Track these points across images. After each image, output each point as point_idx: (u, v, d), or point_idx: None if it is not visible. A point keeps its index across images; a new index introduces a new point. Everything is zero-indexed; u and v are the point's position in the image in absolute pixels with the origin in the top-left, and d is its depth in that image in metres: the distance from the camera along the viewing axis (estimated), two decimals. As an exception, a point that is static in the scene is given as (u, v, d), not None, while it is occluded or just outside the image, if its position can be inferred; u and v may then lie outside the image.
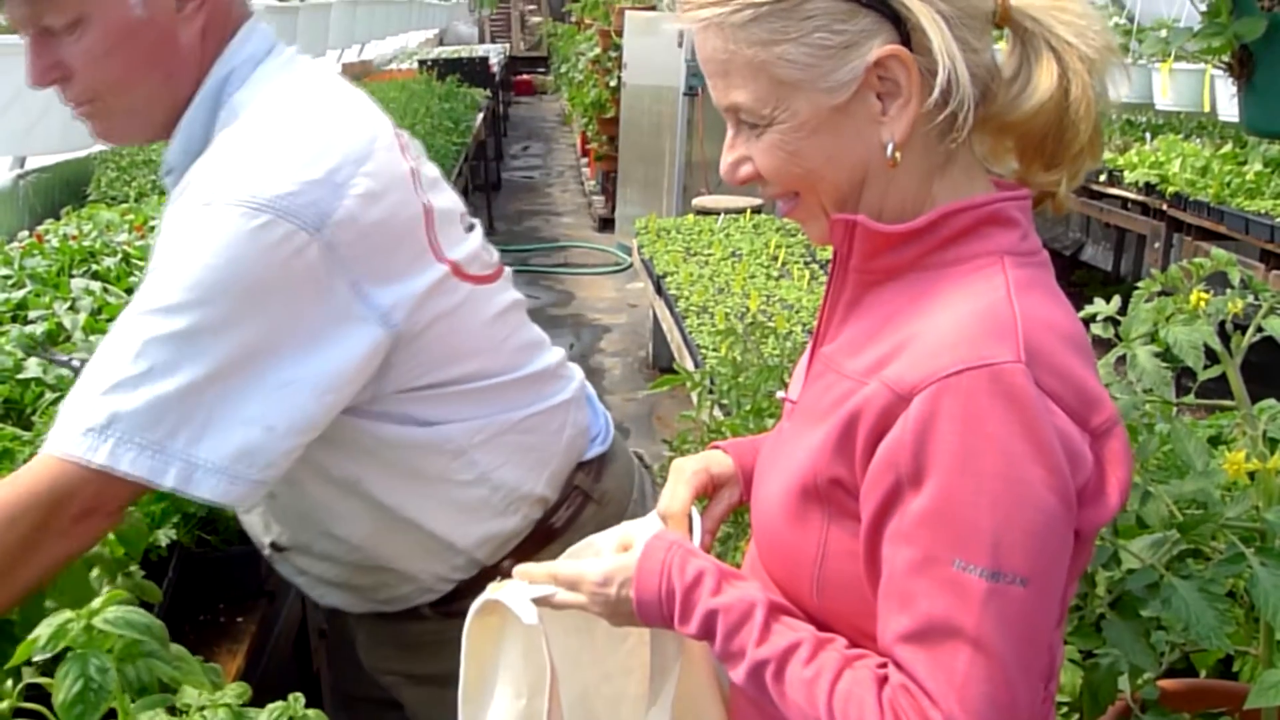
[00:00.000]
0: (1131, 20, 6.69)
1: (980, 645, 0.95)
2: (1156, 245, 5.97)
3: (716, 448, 1.39)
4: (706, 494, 1.34)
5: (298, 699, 1.20)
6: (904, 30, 1.01)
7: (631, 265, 6.71)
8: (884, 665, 1.02)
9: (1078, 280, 7.80)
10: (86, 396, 1.28)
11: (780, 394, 1.27)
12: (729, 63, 1.05)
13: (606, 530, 1.31)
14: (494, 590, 1.23)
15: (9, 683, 1.20)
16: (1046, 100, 1.05)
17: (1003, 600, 0.95)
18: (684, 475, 1.32)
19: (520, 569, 1.24)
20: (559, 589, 1.20)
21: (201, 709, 1.17)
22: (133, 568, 1.48)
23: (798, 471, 1.10)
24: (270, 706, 1.18)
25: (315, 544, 1.60)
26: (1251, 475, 1.35)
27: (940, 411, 0.96)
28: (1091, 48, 1.05)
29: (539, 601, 1.19)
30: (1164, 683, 1.45)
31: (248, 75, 1.46)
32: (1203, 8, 1.91)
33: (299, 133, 1.40)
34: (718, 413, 2.75)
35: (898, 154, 1.04)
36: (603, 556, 1.22)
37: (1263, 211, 5.04)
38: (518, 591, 1.20)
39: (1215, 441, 1.78)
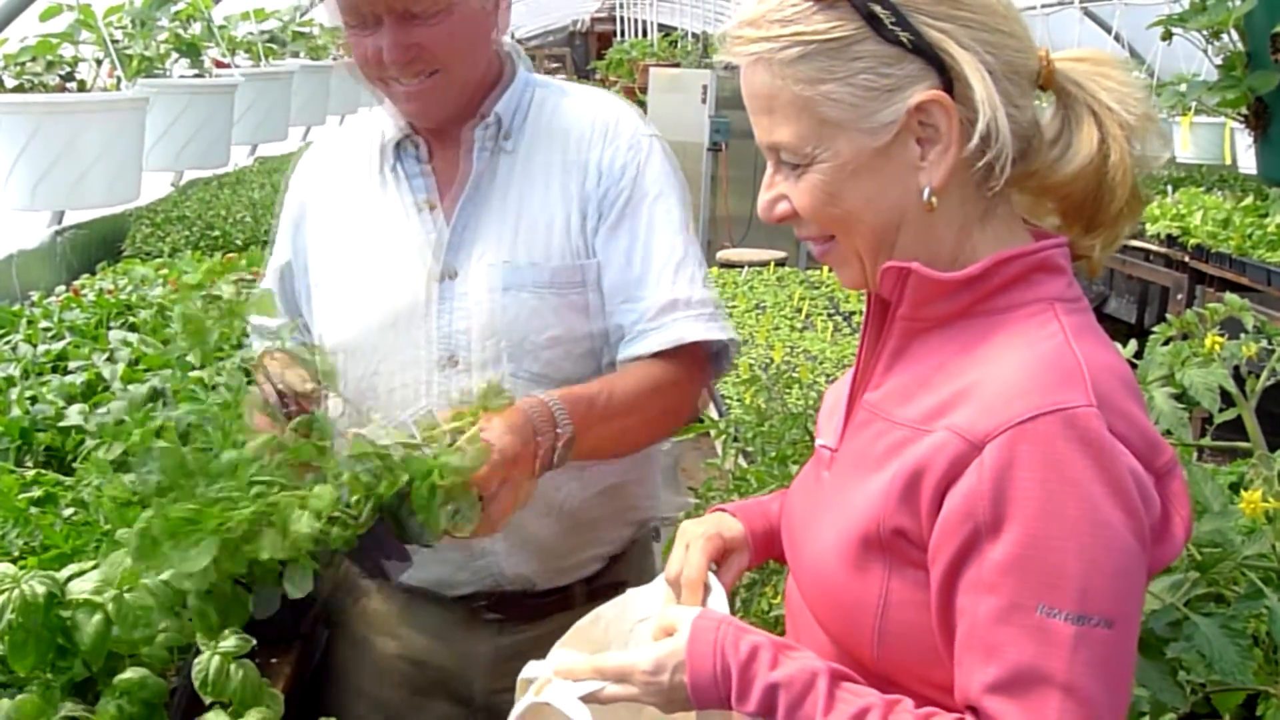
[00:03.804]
0: (1151, 75, 6.73)
1: (1071, 690, 0.95)
2: (1179, 297, 5.95)
3: (722, 510, 1.38)
4: (718, 559, 1.32)
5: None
6: (947, 78, 1.04)
7: (656, 318, 6.72)
8: None
9: (1102, 333, 7.75)
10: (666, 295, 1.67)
11: (820, 443, 1.24)
12: (774, 99, 1.07)
13: (611, 601, 1.30)
14: (536, 693, 1.16)
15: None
16: (1087, 164, 1.07)
17: (1090, 643, 0.95)
18: (696, 540, 1.29)
19: (561, 667, 1.17)
20: (607, 683, 1.14)
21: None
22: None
23: (858, 521, 1.08)
24: None
25: (559, 489, 1.74)
26: (1269, 517, 1.36)
27: (1018, 458, 0.97)
28: (1132, 115, 1.07)
29: (587, 699, 1.13)
30: (1186, 725, 1.45)
31: (517, 66, 1.85)
32: (1219, 62, 1.95)
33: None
34: (742, 461, 2.76)
35: (934, 199, 1.06)
36: (644, 644, 1.17)
37: (1285, 263, 5.03)
38: (563, 691, 1.14)
39: (1235, 489, 1.79)
